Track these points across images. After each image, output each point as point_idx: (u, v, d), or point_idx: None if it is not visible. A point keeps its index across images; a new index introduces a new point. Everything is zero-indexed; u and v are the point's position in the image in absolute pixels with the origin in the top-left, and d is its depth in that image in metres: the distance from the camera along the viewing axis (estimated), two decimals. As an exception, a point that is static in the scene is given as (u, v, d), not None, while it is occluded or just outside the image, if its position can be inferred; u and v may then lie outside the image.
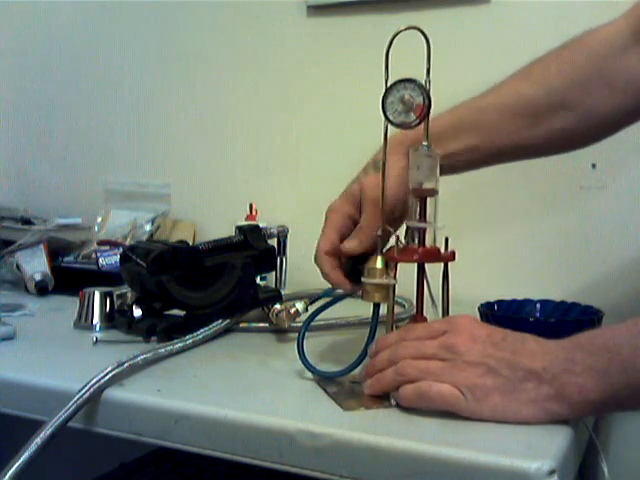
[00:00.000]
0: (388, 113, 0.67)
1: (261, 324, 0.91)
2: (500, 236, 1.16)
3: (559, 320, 0.83)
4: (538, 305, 0.87)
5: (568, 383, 0.57)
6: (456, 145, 0.78)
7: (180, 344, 0.79)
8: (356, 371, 0.69)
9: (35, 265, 1.13)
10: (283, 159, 1.32)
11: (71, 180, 1.50)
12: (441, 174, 0.76)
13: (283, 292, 0.97)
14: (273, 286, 1.10)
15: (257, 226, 0.98)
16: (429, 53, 0.67)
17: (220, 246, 0.92)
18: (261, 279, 1.05)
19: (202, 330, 0.84)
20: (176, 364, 0.76)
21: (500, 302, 0.87)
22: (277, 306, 0.90)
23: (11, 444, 0.63)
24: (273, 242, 1.02)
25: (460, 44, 1.16)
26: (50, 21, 1.52)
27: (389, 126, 0.68)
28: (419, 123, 0.66)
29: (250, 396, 0.67)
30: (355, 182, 0.78)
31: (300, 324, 0.88)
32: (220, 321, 0.87)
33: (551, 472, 0.51)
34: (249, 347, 0.85)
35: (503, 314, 0.84)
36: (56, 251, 1.20)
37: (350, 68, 1.24)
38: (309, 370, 0.70)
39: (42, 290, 1.10)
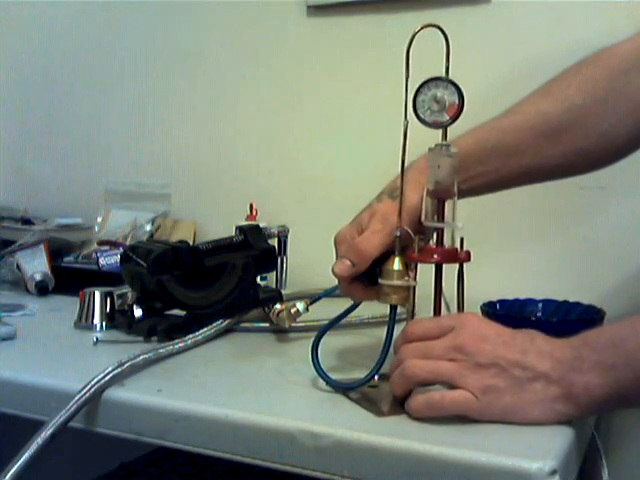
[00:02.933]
0: (419, 112, 0.65)
1: (261, 324, 0.91)
2: (501, 236, 1.16)
3: (561, 320, 0.83)
4: (540, 305, 0.87)
5: (575, 382, 0.57)
6: (478, 168, 0.77)
7: (180, 344, 0.79)
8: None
9: (35, 265, 1.13)
10: (283, 159, 1.32)
11: (71, 180, 1.50)
12: (462, 197, 0.74)
13: (283, 292, 0.97)
14: (273, 286, 1.10)
15: (257, 226, 0.98)
16: (448, 52, 0.66)
17: (220, 246, 0.92)
18: (261, 279, 1.05)
19: (202, 330, 0.84)
20: (176, 364, 0.76)
21: (502, 301, 0.87)
22: (277, 306, 0.89)
23: (11, 444, 0.63)
24: (273, 242, 1.02)
25: (460, 44, 1.15)
26: (50, 21, 1.52)
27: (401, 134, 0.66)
28: (452, 122, 0.65)
29: (251, 396, 0.67)
30: (366, 209, 0.75)
31: (301, 324, 0.88)
32: (220, 321, 0.87)
33: (552, 472, 0.51)
34: (249, 347, 0.85)
35: (505, 313, 0.84)
36: (56, 251, 1.20)
37: (350, 68, 1.24)
38: (325, 381, 0.68)
39: (42, 290, 1.10)
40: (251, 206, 1.24)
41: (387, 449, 0.55)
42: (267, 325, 0.90)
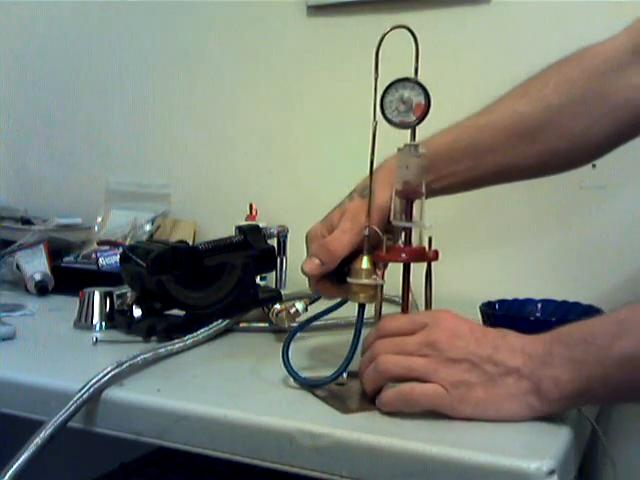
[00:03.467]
0: (387, 112, 0.66)
1: (261, 324, 0.91)
2: (501, 236, 1.16)
3: (560, 320, 0.83)
4: (539, 305, 0.87)
5: (545, 377, 0.57)
6: (452, 167, 0.77)
7: (180, 344, 0.79)
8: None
9: (35, 265, 1.13)
10: (283, 159, 1.32)
11: (71, 180, 1.50)
12: (434, 195, 0.75)
13: (283, 292, 0.97)
14: (273, 286, 1.10)
15: (257, 226, 0.98)
16: (417, 52, 0.66)
17: (220, 246, 0.92)
18: (261, 279, 1.05)
19: (202, 330, 0.84)
20: (176, 364, 0.76)
21: (502, 301, 0.87)
22: (277, 306, 0.90)
23: (11, 444, 0.63)
24: (273, 242, 1.02)
25: (460, 44, 1.16)
26: (50, 20, 1.52)
27: (375, 132, 0.67)
28: (419, 123, 0.66)
29: (250, 396, 0.67)
30: (337, 207, 0.76)
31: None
32: (220, 321, 0.87)
33: (551, 472, 0.52)
34: (249, 347, 0.85)
35: (504, 313, 0.84)
36: (56, 251, 1.20)
37: (350, 68, 1.24)
38: (292, 377, 0.69)
39: (42, 290, 1.10)
40: (251, 206, 1.24)
41: (386, 449, 0.55)
42: (266, 325, 0.91)
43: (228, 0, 1.34)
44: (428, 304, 0.70)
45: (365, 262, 0.67)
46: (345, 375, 0.68)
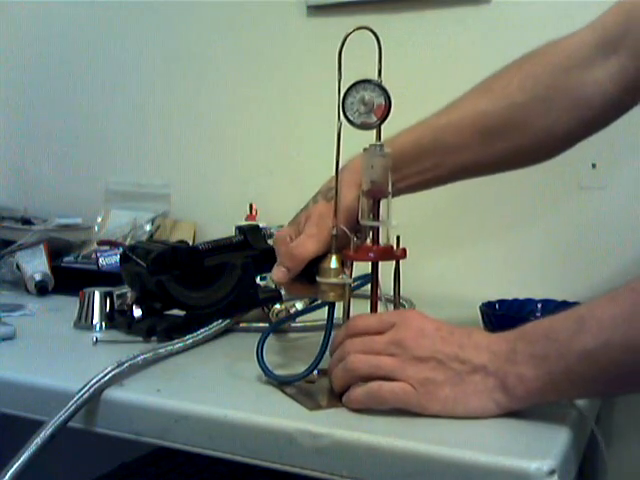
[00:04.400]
0: (348, 114, 0.67)
1: (261, 324, 0.91)
2: (501, 236, 1.16)
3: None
4: (540, 305, 0.88)
5: (509, 373, 0.58)
6: (417, 166, 0.78)
7: (180, 344, 0.79)
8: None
9: (35, 265, 1.13)
10: (283, 159, 1.32)
11: (71, 180, 1.50)
12: (400, 194, 0.76)
13: (283, 292, 0.96)
14: (273, 286, 1.09)
15: (257, 226, 0.98)
16: (380, 54, 0.67)
17: (220, 246, 0.92)
18: (261, 279, 1.05)
19: (202, 330, 0.84)
20: (176, 364, 0.76)
21: (502, 301, 0.87)
22: (277, 306, 0.90)
23: (11, 444, 0.63)
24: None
25: (460, 44, 1.16)
26: (50, 20, 1.52)
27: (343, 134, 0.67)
28: (380, 124, 0.66)
29: (250, 396, 0.67)
30: (303, 210, 0.77)
31: (300, 324, 0.88)
32: (220, 321, 0.87)
33: (551, 472, 0.51)
34: (249, 347, 0.85)
35: (504, 313, 0.84)
36: (56, 251, 1.20)
37: (350, 68, 1.24)
38: (264, 374, 0.69)
39: (42, 290, 1.10)
40: (251, 206, 1.24)
41: (386, 449, 0.55)
42: (266, 325, 0.90)
43: (228, 0, 1.34)
44: (397, 302, 0.71)
45: (333, 261, 0.68)
46: (316, 373, 0.69)
